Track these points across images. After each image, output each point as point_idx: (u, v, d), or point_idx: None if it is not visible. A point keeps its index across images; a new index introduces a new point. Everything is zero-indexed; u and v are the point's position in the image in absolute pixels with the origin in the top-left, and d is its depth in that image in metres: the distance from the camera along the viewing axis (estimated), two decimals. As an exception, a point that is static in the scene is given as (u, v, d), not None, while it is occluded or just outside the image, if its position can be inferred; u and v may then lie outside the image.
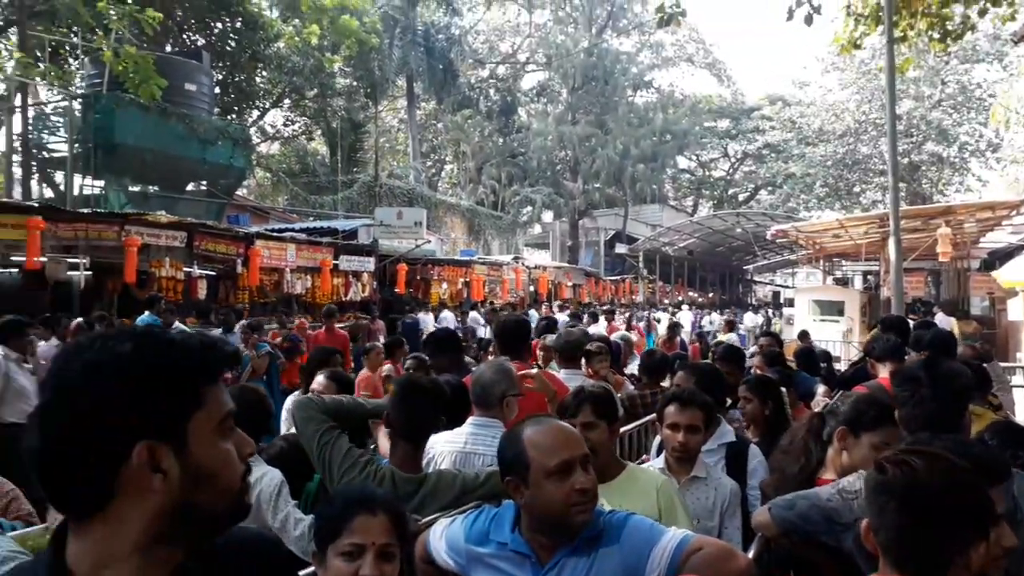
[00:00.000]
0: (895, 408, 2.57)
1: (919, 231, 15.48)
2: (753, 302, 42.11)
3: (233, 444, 1.02)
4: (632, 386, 6.03)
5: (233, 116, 24.84)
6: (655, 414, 3.37)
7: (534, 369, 4.16)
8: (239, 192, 24.05)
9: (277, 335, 10.80)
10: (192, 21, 23.94)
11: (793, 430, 2.91)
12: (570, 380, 4.57)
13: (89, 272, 12.00)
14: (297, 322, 11.98)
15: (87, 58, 18.49)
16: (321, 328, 10.94)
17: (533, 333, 6.45)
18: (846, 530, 2.15)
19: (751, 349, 8.90)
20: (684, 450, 2.89)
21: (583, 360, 5.52)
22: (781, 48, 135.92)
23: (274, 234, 14.45)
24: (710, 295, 39.01)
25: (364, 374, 7.05)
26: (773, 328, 18.10)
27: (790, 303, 22.56)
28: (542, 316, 12.73)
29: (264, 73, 26.16)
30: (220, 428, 1.00)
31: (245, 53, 24.24)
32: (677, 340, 11.88)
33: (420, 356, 5.83)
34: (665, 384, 5.39)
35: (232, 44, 24.30)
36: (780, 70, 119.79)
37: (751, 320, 23.37)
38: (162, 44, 21.40)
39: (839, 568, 2.19)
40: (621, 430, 3.71)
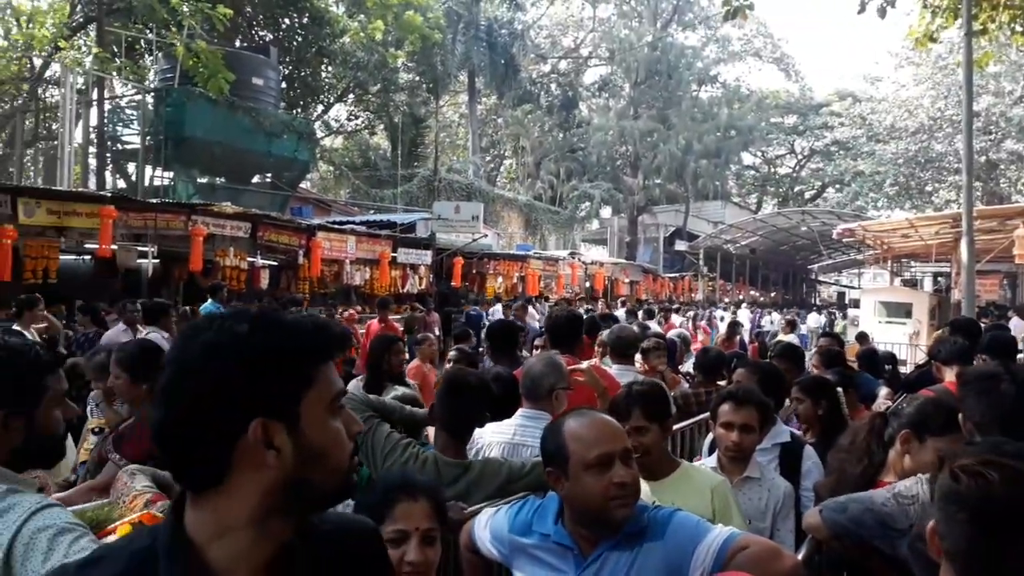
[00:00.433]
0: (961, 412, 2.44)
1: (995, 232, 14.84)
2: (817, 302, 41.06)
3: (342, 423, 1.05)
4: (687, 384, 5.94)
5: (298, 110, 25.34)
6: (708, 413, 3.30)
7: (584, 363, 4.11)
8: (302, 185, 24.54)
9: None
10: (261, 17, 24.49)
11: (854, 429, 2.79)
12: (622, 376, 4.53)
13: (157, 260, 12.42)
14: (347, 313, 12.09)
15: (160, 53, 19.09)
16: (374, 319, 11.03)
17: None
18: (901, 536, 2.06)
19: (812, 350, 8.66)
20: (738, 450, 2.82)
21: (638, 356, 5.47)
22: (852, 43, 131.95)
23: (335, 226, 14.69)
24: (772, 294, 38.20)
25: (415, 364, 7.08)
26: (835, 329, 17.58)
27: (855, 304, 21.92)
28: (599, 312, 12.61)
29: (329, 68, 26.60)
30: (330, 407, 1.03)
31: (311, 48, 24.69)
32: (737, 339, 11.66)
33: (464, 349, 5.85)
34: (721, 383, 5.28)
35: (299, 40, 24.78)
36: (851, 65, 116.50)
37: (814, 321, 22.74)
38: (231, 40, 21.96)
39: (893, 575, 2.10)
40: (673, 427, 3.64)
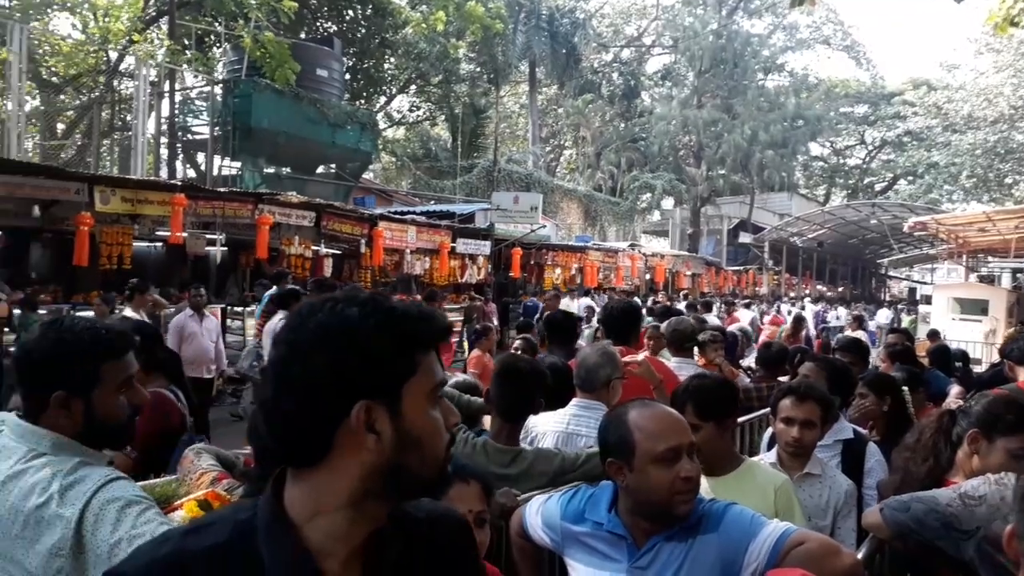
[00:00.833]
0: None
1: (1080, 226, 14.14)
2: (887, 298, 39.77)
3: (441, 413, 1.05)
4: (748, 378, 5.82)
5: (362, 101, 25.69)
6: (768, 408, 3.23)
7: (641, 355, 4.06)
8: (365, 175, 24.87)
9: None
10: (325, 9, 24.87)
11: (920, 427, 2.68)
12: (681, 369, 4.48)
13: (225, 248, 12.76)
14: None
15: (228, 45, 19.57)
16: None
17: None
18: (967, 538, 1.98)
19: (880, 347, 8.39)
20: (798, 445, 2.76)
21: (696, 349, 5.39)
22: (928, 29, 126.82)
23: (396, 216, 14.86)
24: (839, 289, 37.15)
25: (475, 354, 7.12)
26: (902, 325, 16.96)
27: (927, 300, 21.13)
28: (660, 304, 12.43)
29: (392, 60, 26.88)
30: (431, 396, 1.04)
31: (374, 40, 24.98)
32: (802, 334, 11.34)
33: (529, 338, 5.84)
34: (783, 378, 5.16)
35: (362, 31, 25.10)
36: (926, 53, 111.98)
37: (884, 317, 22.03)
38: (296, 32, 22.37)
39: (958, 577, 2.02)
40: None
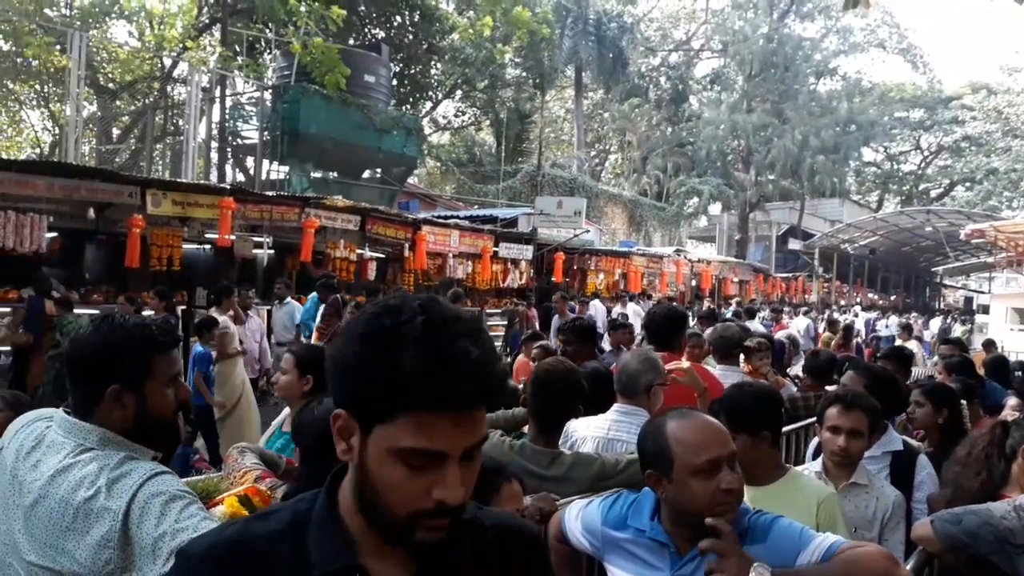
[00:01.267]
0: None
1: None
2: (941, 307, 38.67)
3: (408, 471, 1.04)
4: (794, 387, 5.69)
5: (408, 107, 25.93)
6: (815, 417, 3.15)
7: (686, 363, 4.00)
8: (410, 180, 25.10)
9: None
10: (374, 15, 25.18)
11: (972, 440, 2.58)
12: (726, 377, 4.39)
13: (272, 251, 12.96)
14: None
15: (278, 52, 19.96)
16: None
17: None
18: (1022, 552, 1.89)
19: (934, 358, 8.14)
20: (844, 455, 2.70)
21: (742, 357, 5.30)
22: (988, 32, 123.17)
23: (439, 220, 14.94)
24: (892, 298, 36.29)
25: (521, 360, 7.08)
26: (954, 335, 16.39)
27: (984, 310, 20.48)
28: (704, 309, 12.27)
29: (438, 65, 27.07)
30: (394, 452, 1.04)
31: (421, 45, 25.20)
32: (852, 344, 11.06)
33: (546, 344, 5.87)
34: (831, 388, 5.02)
35: (409, 37, 25.35)
36: (986, 56, 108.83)
37: (938, 326, 21.40)
38: (345, 38, 22.67)
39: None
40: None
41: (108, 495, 1.52)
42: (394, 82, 24.15)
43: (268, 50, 21.41)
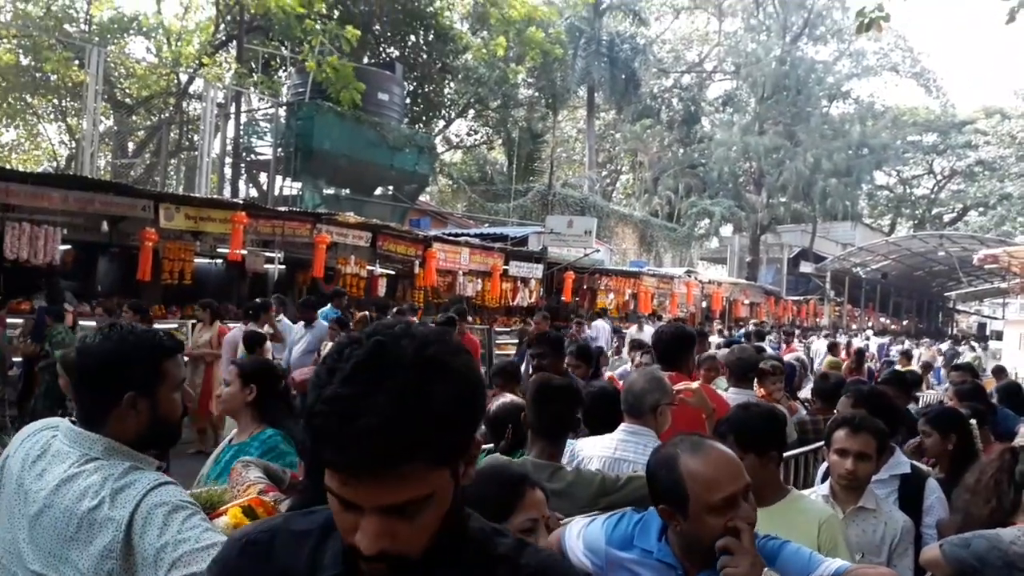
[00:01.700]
0: None
1: None
2: (953, 332, 38.37)
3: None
4: (804, 411, 5.64)
5: (420, 125, 26.09)
6: (823, 441, 3.12)
7: (695, 383, 3.96)
8: (422, 197, 25.21)
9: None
10: (388, 34, 25.42)
11: (981, 467, 2.55)
12: (737, 399, 4.33)
13: (283, 266, 13.01)
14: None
15: (293, 69, 20.15)
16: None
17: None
18: None
19: (945, 384, 8.07)
20: (852, 478, 2.67)
21: (755, 380, 5.25)
22: (1002, 56, 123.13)
23: (450, 238, 14.98)
24: (904, 322, 36.02)
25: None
26: (962, 360, 16.17)
27: (998, 336, 20.30)
28: (697, 329, 12.14)
29: (451, 84, 27.26)
30: None
31: (435, 64, 25.38)
32: (864, 368, 10.98)
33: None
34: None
35: (423, 56, 25.55)
36: (1000, 80, 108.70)
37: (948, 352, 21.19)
38: (359, 57, 22.90)
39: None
40: (786, 455, 3.48)
41: (112, 505, 1.51)
42: (407, 100, 24.31)
43: (283, 67, 21.62)
